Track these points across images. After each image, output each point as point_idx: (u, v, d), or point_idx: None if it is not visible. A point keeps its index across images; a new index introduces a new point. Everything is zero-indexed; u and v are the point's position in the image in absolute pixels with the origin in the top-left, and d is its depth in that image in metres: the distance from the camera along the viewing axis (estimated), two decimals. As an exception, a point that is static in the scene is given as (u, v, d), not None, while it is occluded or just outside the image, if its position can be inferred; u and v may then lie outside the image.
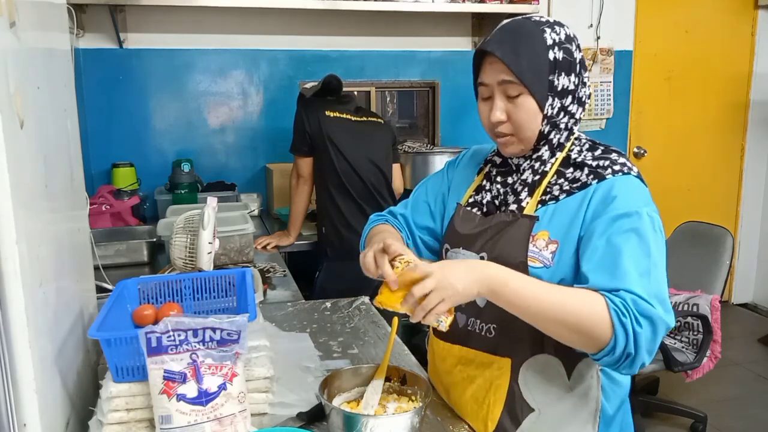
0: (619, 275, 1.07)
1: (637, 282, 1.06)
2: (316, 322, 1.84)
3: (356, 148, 2.76)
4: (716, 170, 4.46)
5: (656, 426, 3.13)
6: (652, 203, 1.16)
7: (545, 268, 1.16)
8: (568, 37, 1.20)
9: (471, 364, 1.27)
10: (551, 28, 1.19)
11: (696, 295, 2.82)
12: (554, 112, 1.19)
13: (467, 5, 3.47)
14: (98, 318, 1.15)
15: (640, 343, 1.04)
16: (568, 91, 1.19)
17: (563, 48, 1.18)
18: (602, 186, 1.15)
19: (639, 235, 1.09)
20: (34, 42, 1.09)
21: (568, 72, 1.18)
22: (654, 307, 1.04)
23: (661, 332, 1.06)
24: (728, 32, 4.31)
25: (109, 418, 1.09)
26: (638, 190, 1.16)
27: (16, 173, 0.88)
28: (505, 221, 1.22)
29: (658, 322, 1.04)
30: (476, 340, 1.26)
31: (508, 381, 1.22)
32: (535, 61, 1.15)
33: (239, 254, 2.43)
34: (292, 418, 1.24)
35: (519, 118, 1.18)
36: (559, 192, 1.19)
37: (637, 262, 1.07)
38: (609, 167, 1.17)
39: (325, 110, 2.76)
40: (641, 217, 1.11)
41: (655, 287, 1.07)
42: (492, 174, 1.31)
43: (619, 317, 1.03)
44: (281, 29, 3.54)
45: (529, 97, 1.16)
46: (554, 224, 1.18)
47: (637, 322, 1.03)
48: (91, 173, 3.30)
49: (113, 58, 3.33)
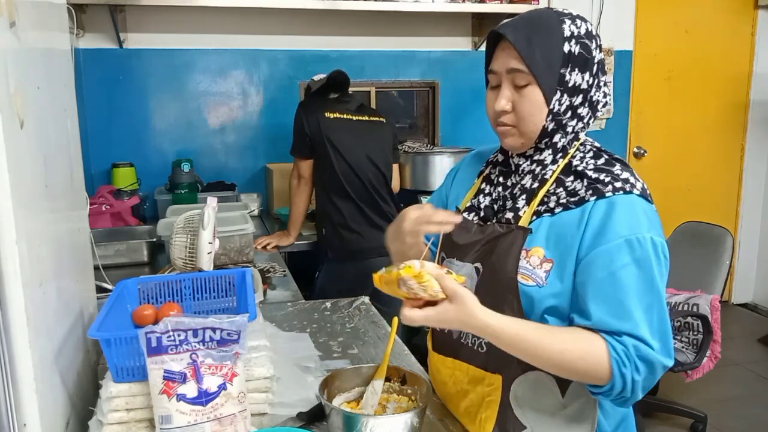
0: (624, 316, 1.04)
1: (641, 324, 1.04)
2: (316, 322, 1.84)
3: (356, 148, 2.76)
4: (716, 170, 4.46)
5: (656, 426, 3.13)
6: (656, 224, 1.10)
7: (537, 287, 1.11)
8: (588, 32, 1.14)
9: (464, 378, 1.25)
10: (572, 20, 1.13)
11: (696, 295, 2.82)
12: (561, 109, 1.13)
13: (467, 5, 3.47)
14: (98, 318, 1.15)
15: (636, 389, 1.05)
16: (579, 89, 1.13)
17: (581, 42, 1.12)
18: (601, 205, 1.09)
19: (642, 268, 1.05)
20: (34, 42, 1.09)
21: (582, 69, 1.13)
22: (655, 350, 1.04)
23: (659, 374, 1.06)
24: (728, 32, 4.31)
25: (109, 418, 1.09)
26: (640, 212, 1.08)
27: (16, 173, 0.88)
28: (499, 232, 1.18)
29: (656, 366, 1.04)
30: (468, 354, 1.23)
31: (499, 397, 1.18)
32: (549, 51, 1.10)
33: (239, 254, 2.43)
34: (292, 418, 1.24)
35: (523, 109, 1.13)
36: (555, 204, 1.13)
37: (641, 298, 1.05)
38: (610, 183, 1.10)
39: (324, 111, 2.76)
40: (644, 245, 1.05)
41: (657, 323, 1.05)
42: (492, 176, 1.27)
43: (619, 367, 1.03)
44: (281, 29, 3.54)
45: (536, 87, 1.11)
46: (550, 241, 1.12)
47: (636, 370, 1.03)
48: (91, 173, 3.30)
49: (113, 58, 3.33)
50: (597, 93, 1.16)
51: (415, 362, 1.57)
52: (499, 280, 1.14)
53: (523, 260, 1.13)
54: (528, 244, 1.13)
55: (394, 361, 1.48)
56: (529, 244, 1.13)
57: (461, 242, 1.24)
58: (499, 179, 1.25)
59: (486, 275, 1.18)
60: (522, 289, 1.12)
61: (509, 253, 1.14)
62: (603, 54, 1.17)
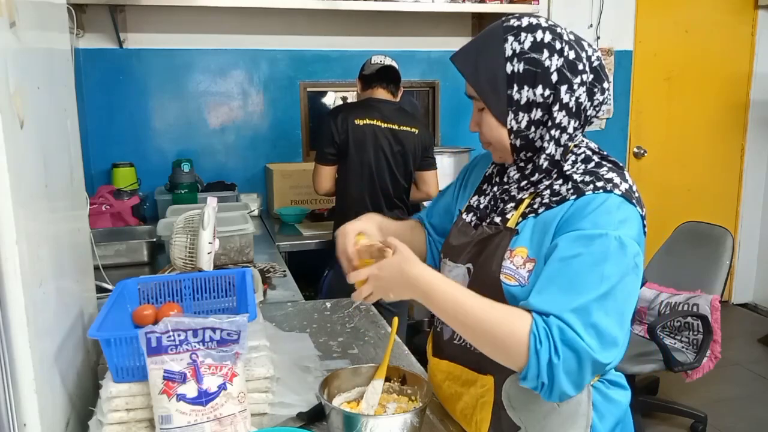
0: (556, 300, 1.01)
1: (571, 309, 0.99)
2: (316, 322, 1.84)
3: (379, 157, 2.75)
4: (716, 170, 4.47)
5: (656, 426, 3.13)
6: (630, 225, 1.06)
7: (520, 286, 1.11)
8: (535, 44, 1.09)
9: (458, 381, 1.25)
10: (516, 35, 1.10)
11: (696, 295, 2.82)
12: (521, 126, 1.12)
13: (467, 5, 3.47)
14: (98, 318, 1.15)
15: (556, 374, 0.98)
16: (535, 104, 1.10)
17: (525, 59, 1.09)
18: (578, 203, 1.08)
19: (596, 259, 1.01)
20: (34, 42, 1.09)
21: (533, 83, 1.09)
22: (582, 339, 0.98)
23: (588, 366, 0.99)
24: (728, 32, 4.31)
25: (109, 418, 1.09)
26: (614, 210, 1.06)
27: (16, 173, 0.88)
28: (488, 233, 1.19)
29: (583, 355, 0.98)
30: (461, 355, 1.23)
31: (492, 399, 1.18)
32: (492, 74, 1.11)
33: (239, 254, 2.43)
34: (292, 418, 1.24)
35: (485, 132, 1.17)
36: (539, 205, 1.14)
37: (584, 288, 1.00)
38: (591, 183, 1.09)
39: (355, 119, 2.74)
40: (606, 240, 1.02)
41: (597, 318, 0.99)
42: (492, 177, 1.29)
43: (535, 343, 0.99)
44: (281, 29, 3.54)
45: (488, 111, 1.14)
46: (533, 241, 1.12)
47: (555, 352, 0.98)
48: (91, 173, 3.30)
49: (113, 58, 3.33)
50: (571, 97, 1.10)
51: (415, 362, 1.57)
52: (485, 280, 1.15)
53: (507, 260, 1.13)
54: (512, 245, 1.14)
55: (394, 361, 1.48)
56: (514, 244, 1.14)
57: (455, 243, 1.26)
58: (496, 179, 1.28)
59: (475, 276, 1.20)
60: (506, 289, 1.12)
61: (495, 254, 1.15)
62: (565, 55, 1.10)
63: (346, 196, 2.81)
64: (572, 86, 1.10)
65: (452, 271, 1.25)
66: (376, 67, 2.83)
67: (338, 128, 2.73)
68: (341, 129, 2.73)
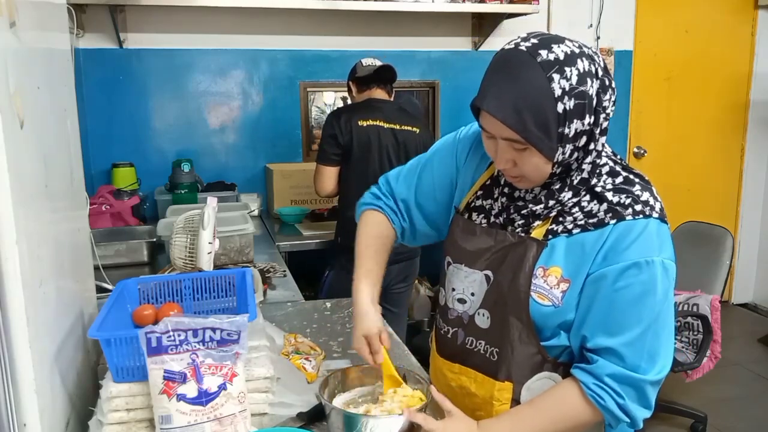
0: (612, 336, 1.07)
1: (626, 343, 1.06)
2: (316, 322, 1.84)
3: (382, 158, 2.74)
4: (716, 170, 4.47)
5: (656, 426, 3.13)
6: (668, 246, 1.09)
7: (553, 307, 1.11)
8: (582, 75, 1.02)
9: (470, 384, 1.24)
10: (560, 72, 1.01)
11: (696, 295, 2.82)
12: (566, 156, 1.07)
13: (467, 5, 3.47)
14: (98, 318, 1.15)
15: (629, 410, 1.07)
16: (583, 132, 1.06)
17: (575, 94, 1.02)
18: (619, 228, 1.07)
19: (646, 289, 1.06)
20: (34, 42, 1.09)
21: (581, 116, 1.04)
22: (636, 372, 1.06)
23: (649, 389, 1.07)
24: (728, 32, 4.31)
25: (109, 418, 1.09)
26: (654, 235, 1.07)
27: (16, 173, 0.88)
28: (510, 241, 1.15)
29: (641, 384, 1.06)
30: (478, 361, 1.22)
31: (510, 404, 1.19)
32: (542, 117, 1.01)
33: (239, 254, 2.43)
34: (292, 418, 1.24)
35: (525, 168, 1.08)
36: (572, 225, 1.11)
37: (637, 319, 1.06)
38: (630, 206, 1.08)
39: (357, 120, 2.74)
40: (652, 267, 1.06)
41: (651, 344, 1.07)
42: (501, 178, 1.19)
43: (598, 401, 1.07)
44: (281, 29, 3.54)
45: (536, 151, 1.04)
46: (568, 261, 1.11)
47: (618, 395, 1.06)
48: (91, 173, 3.30)
49: (113, 58, 3.33)
50: (605, 119, 1.08)
51: (415, 362, 1.57)
52: (510, 293, 1.14)
53: (541, 279, 1.12)
54: (546, 263, 1.12)
55: (394, 362, 1.48)
56: (547, 262, 1.12)
57: (470, 248, 1.22)
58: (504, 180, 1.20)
59: (496, 285, 1.17)
60: (537, 309, 1.13)
61: (521, 266, 1.13)
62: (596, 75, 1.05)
63: (348, 196, 2.81)
64: (606, 106, 1.07)
65: (468, 277, 1.21)
66: (372, 68, 2.82)
67: (342, 129, 2.72)
68: (345, 130, 2.72)
